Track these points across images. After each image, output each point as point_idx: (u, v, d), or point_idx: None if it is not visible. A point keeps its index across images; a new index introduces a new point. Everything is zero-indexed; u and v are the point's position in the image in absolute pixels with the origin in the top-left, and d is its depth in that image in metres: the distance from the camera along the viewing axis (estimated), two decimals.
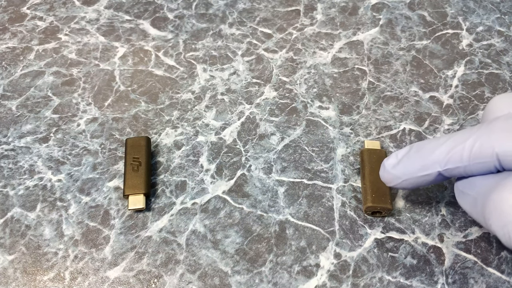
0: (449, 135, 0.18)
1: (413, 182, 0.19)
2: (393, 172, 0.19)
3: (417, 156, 0.19)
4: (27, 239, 0.22)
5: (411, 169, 0.19)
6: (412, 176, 0.19)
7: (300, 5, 0.32)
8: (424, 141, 0.19)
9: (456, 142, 0.18)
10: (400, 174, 0.19)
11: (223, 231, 0.22)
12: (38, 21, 0.31)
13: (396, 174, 0.19)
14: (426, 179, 0.19)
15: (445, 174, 0.18)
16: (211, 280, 0.21)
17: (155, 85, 0.28)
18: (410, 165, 0.19)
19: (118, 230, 0.22)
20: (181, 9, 0.32)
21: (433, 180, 0.19)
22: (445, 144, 0.18)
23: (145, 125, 0.26)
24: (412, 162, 0.19)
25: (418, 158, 0.19)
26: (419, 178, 0.19)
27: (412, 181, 0.19)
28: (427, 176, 0.19)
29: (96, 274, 0.21)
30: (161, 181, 0.24)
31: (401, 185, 0.20)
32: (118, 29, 0.31)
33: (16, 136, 0.26)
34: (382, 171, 0.20)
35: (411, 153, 0.19)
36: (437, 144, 0.18)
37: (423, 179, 0.19)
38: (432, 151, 0.18)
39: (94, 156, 0.25)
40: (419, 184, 0.19)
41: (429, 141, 0.19)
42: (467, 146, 0.17)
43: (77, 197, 0.23)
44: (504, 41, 0.30)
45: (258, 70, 0.29)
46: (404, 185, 0.19)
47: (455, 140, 0.18)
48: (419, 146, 0.19)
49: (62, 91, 0.28)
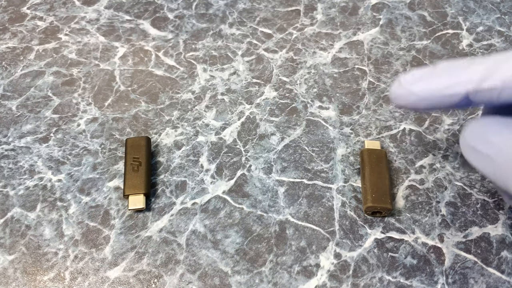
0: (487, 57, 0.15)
1: (432, 102, 0.16)
2: (411, 88, 0.16)
3: (444, 73, 0.16)
4: (27, 239, 0.22)
5: (435, 86, 0.16)
6: (433, 94, 0.16)
7: (300, 5, 0.32)
8: (452, 61, 0.16)
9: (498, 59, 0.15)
10: (419, 90, 0.16)
11: (223, 231, 0.22)
12: (38, 21, 0.31)
13: (414, 90, 0.16)
14: (449, 101, 0.16)
15: (473, 98, 0.15)
16: (211, 280, 0.21)
17: (155, 85, 0.28)
18: (435, 81, 0.16)
19: (118, 230, 0.22)
20: (181, 9, 0.32)
21: (456, 103, 0.16)
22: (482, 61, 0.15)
23: (145, 125, 0.26)
24: (437, 79, 0.16)
25: (445, 75, 0.16)
26: (441, 98, 0.16)
27: (430, 100, 0.16)
28: (452, 97, 0.16)
29: (96, 274, 0.21)
30: (161, 181, 0.24)
31: (415, 105, 0.16)
32: (118, 29, 0.31)
33: (16, 136, 0.26)
34: (396, 86, 0.17)
35: (437, 71, 0.16)
36: (471, 62, 0.15)
37: (445, 100, 0.16)
38: (464, 68, 0.15)
39: (94, 156, 0.25)
40: (438, 105, 0.16)
41: (459, 60, 0.16)
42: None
43: (77, 197, 0.23)
44: (504, 41, 0.30)
45: (258, 70, 0.29)
46: (419, 105, 0.16)
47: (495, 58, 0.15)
48: (447, 64, 0.16)
49: (62, 91, 0.28)
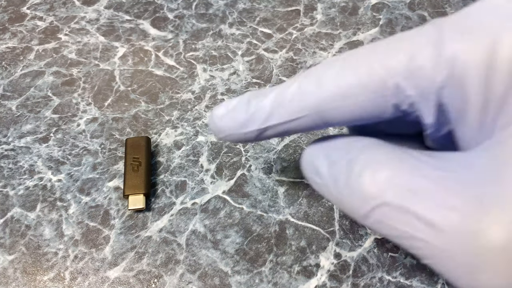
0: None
1: (239, 139, 0.15)
2: (218, 124, 0.15)
3: (244, 107, 0.15)
4: (27, 239, 0.22)
5: (234, 124, 0.15)
6: (235, 132, 0.15)
7: (300, 5, 0.32)
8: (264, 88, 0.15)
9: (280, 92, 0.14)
10: (224, 127, 0.15)
11: (223, 231, 0.22)
12: (38, 21, 0.31)
13: (220, 127, 0.15)
14: (250, 137, 0.15)
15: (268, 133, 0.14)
16: (211, 280, 0.21)
17: (155, 85, 0.28)
18: (235, 118, 0.15)
19: (118, 230, 0.22)
20: (181, 9, 0.32)
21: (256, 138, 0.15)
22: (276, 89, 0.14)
23: (145, 125, 0.26)
24: (237, 115, 0.15)
25: (243, 110, 0.14)
26: (242, 135, 0.15)
27: (236, 137, 0.15)
28: (250, 134, 0.15)
29: (96, 274, 0.21)
30: (161, 181, 0.24)
31: (229, 140, 0.16)
32: (118, 29, 0.31)
33: (16, 136, 0.26)
34: (209, 119, 0.16)
35: (241, 103, 0.15)
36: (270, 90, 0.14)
37: (248, 137, 0.15)
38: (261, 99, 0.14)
39: (94, 156, 0.25)
40: (247, 141, 0.15)
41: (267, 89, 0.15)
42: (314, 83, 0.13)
43: (77, 197, 0.23)
44: None
45: (258, 70, 0.29)
46: (231, 140, 0.15)
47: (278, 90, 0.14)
48: (252, 94, 0.15)
49: (62, 91, 0.27)
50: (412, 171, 0.11)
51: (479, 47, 0.11)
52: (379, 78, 0.12)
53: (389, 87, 0.12)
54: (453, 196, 0.11)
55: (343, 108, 0.13)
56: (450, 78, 0.11)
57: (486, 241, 0.10)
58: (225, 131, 0.15)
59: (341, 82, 0.12)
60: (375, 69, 0.12)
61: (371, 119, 0.13)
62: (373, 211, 0.12)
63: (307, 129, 0.14)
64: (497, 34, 0.10)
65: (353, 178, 0.12)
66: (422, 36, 0.12)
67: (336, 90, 0.12)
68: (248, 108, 0.14)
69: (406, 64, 0.11)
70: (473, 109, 0.11)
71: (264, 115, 0.14)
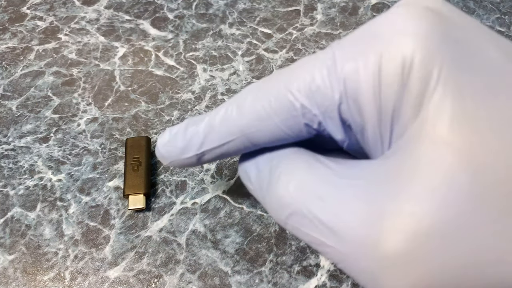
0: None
1: (182, 164, 0.16)
2: (161, 151, 0.16)
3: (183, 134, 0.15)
4: (27, 239, 0.22)
5: (175, 151, 0.16)
6: (176, 158, 0.16)
7: (300, 5, 0.32)
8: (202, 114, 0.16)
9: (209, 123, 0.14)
10: (166, 154, 0.16)
11: (223, 231, 0.22)
12: (38, 21, 0.31)
13: (163, 154, 0.16)
14: (191, 162, 0.16)
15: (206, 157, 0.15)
16: (211, 280, 0.21)
17: (155, 85, 0.28)
18: (175, 145, 0.16)
19: (118, 230, 0.22)
20: (181, 9, 0.32)
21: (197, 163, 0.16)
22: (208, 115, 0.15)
23: (145, 125, 0.26)
24: (177, 142, 0.15)
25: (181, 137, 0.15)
26: (184, 160, 0.16)
27: (179, 163, 0.16)
28: (189, 159, 0.15)
29: (96, 274, 0.21)
30: (161, 181, 0.24)
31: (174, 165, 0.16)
32: (118, 29, 0.31)
33: (16, 136, 0.26)
34: (155, 148, 0.17)
35: (180, 130, 0.16)
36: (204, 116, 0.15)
37: (189, 162, 0.16)
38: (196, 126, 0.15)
39: (94, 156, 0.25)
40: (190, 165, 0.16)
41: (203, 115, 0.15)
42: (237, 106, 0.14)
43: (77, 197, 0.23)
44: None
45: (258, 70, 0.29)
46: (176, 165, 0.16)
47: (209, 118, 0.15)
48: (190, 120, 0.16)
49: (62, 91, 0.28)
50: (321, 179, 0.12)
51: (367, 64, 0.11)
52: (287, 101, 0.13)
53: (297, 108, 0.13)
54: (354, 204, 0.11)
55: (263, 131, 0.14)
56: (345, 95, 0.12)
57: (384, 249, 0.10)
58: (168, 158, 0.16)
59: (257, 107, 0.13)
60: (282, 93, 0.13)
61: (293, 138, 0.14)
62: (289, 218, 0.13)
63: (240, 151, 0.15)
64: (381, 52, 0.11)
65: (271, 186, 0.13)
66: (319, 58, 0.13)
67: (254, 115, 0.14)
68: (185, 135, 0.15)
69: (308, 85, 0.12)
70: (370, 122, 0.12)
71: (199, 141, 0.15)
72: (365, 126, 0.12)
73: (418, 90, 0.11)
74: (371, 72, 0.11)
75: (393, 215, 0.10)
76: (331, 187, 0.12)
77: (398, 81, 0.11)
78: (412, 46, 0.11)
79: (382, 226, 0.10)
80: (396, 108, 0.11)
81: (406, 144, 0.11)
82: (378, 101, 0.12)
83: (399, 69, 0.11)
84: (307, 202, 0.12)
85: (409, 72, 0.11)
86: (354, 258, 0.11)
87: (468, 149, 0.10)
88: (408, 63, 0.11)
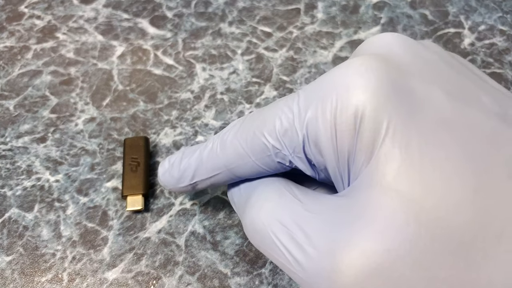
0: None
1: (180, 191, 0.18)
2: (161, 179, 0.18)
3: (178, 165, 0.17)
4: (24, 240, 0.22)
5: (172, 180, 0.18)
6: (174, 186, 0.18)
7: (300, 3, 0.32)
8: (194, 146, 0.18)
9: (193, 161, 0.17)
10: (165, 182, 0.18)
11: (223, 232, 0.22)
12: (36, 20, 0.31)
13: (163, 182, 0.18)
14: (187, 189, 0.18)
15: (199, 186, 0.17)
16: (210, 281, 0.21)
17: (153, 85, 0.28)
18: (172, 175, 0.17)
19: (116, 231, 0.22)
20: (180, 8, 0.32)
21: (192, 190, 0.18)
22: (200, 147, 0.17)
23: (143, 125, 0.26)
24: (173, 173, 0.17)
25: (177, 168, 0.17)
26: (180, 189, 0.18)
27: (177, 190, 0.18)
28: (185, 188, 0.17)
29: (94, 276, 0.21)
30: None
31: (174, 191, 0.19)
32: (117, 28, 0.30)
33: (13, 136, 0.25)
34: (158, 176, 0.19)
35: (177, 160, 0.17)
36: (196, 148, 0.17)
37: (185, 190, 0.18)
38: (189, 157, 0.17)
39: (92, 156, 0.24)
40: (187, 192, 0.18)
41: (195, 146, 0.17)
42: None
43: (75, 197, 0.23)
44: (506, 40, 0.30)
45: (258, 69, 0.28)
46: (176, 191, 0.19)
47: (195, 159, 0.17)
48: (186, 151, 0.17)
49: (60, 91, 0.27)
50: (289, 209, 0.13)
51: (325, 113, 0.13)
52: (261, 143, 0.14)
53: (269, 149, 0.14)
54: (315, 236, 0.12)
55: (243, 167, 0.15)
56: (307, 138, 0.13)
57: (338, 279, 0.11)
58: (167, 185, 0.18)
59: (236, 146, 0.15)
60: (257, 135, 0.14)
61: (272, 172, 0.15)
62: (261, 242, 0.14)
63: (227, 182, 0.17)
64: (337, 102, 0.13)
65: (247, 210, 0.14)
66: (288, 103, 0.14)
67: (234, 153, 0.15)
68: (180, 167, 0.17)
69: (277, 129, 0.14)
70: (329, 163, 0.13)
71: (191, 173, 0.17)
72: (326, 166, 0.14)
73: (369, 139, 0.12)
74: (329, 119, 0.13)
75: (347, 248, 0.11)
76: (296, 216, 0.13)
77: (351, 130, 0.12)
78: (363, 99, 0.12)
79: (337, 257, 0.11)
80: (351, 153, 0.13)
81: (360, 186, 0.12)
82: (335, 145, 0.13)
83: (352, 119, 0.12)
84: (274, 230, 0.13)
85: (361, 122, 0.12)
86: (314, 285, 0.12)
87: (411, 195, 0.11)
88: (360, 114, 0.12)
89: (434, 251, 0.11)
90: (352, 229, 0.11)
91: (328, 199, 0.13)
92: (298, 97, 0.14)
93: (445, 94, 0.12)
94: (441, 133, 0.12)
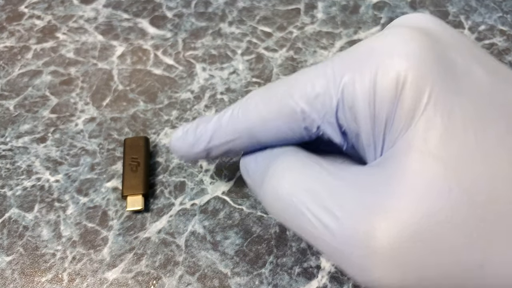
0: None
1: (192, 158, 0.18)
2: (174, 144, 0.18)
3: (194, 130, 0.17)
4: (24, 240, 0.22)
5: (186, 145, 0.17)
6: (187, 151, 0.17)
7: (300, 3, 0.32)
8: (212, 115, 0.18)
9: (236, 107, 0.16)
10: (179, 147, 0.18)
11: (223, 232, 0.22)
12: (36, 20, 0.31)
13: (176, 147, 0.18)
14: (201, 156, 0.17)
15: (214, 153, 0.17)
16: (210, 281, 0.21)
17: (153, 85, 0.28)
18: (186, 140, 0.17)
19: (116, 231, 0.22)
20: (180, 8, 0.32)
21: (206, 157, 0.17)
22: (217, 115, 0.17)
23: (143, 125, 0.26)
24: (188, 137, 0.17)
25: (192, 133, 0.17)
26: (194, 154, 0.17)
27: (190, 156, 0.18)
28: (199, 153, 0.17)
29: (95, 276, 0.21)
30: (160, 182, 0.24)
31: (185, 159, 0.18)
32: (117, 28, 0.30)
33: (13, 136, 0.25)
34: (169, 142, 0.18)
35: (192, 127, 0.17)
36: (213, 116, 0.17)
37: (199, 156, 0.17)
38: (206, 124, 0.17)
39: (92, 156, 0.24)
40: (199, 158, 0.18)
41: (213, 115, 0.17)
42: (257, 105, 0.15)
43: (75, 197, 0.23)
44: (506, 40, 0.30)
45: (258, 69, 0.28)
46: (187, 159, 0.18)
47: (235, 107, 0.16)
48: (201, 119, 0.17)
49: (60, 91, 0.27)
50: (315, 176, 0.13)
51: (364, 77, 0.12)
52: (289, 106, 0.14)
53: (298, 112, 0.14)
54: (346, 200, 0.12)
55: (267, 131, 0.15)
56: (342, 103, 0.13)
57: (374, 244, 0.11)
58: (179, 151, 0.18)
59: (261, 110, 0.15)
60: (285, 98, 0.14)
61: (295, 140, 0.15)
62: (282, 211, 0.13)
63: (246, 148, 0.16)
64: (377, 68, 0.12)
65: (267, 180, 0.14)
66: (320, 69, 0.14)
67: (259, 117, 0.15)
68: (196, 131, 0.17)
69: (308, 92, 0.14)
70: (364, 130, 0.13)
71: (207, 137, 0.16)
72: (360, 133, 0.13)
73: (410, 106, 0.12)
74: (367, 84, 0.12)
75: (383, 213, 0.11)
76: (324, 184, 0.13)
77: (391, 96, 0.12)
78: (406, 66, 0.12)
79: (372, 222, 0.11)
80: (389, 120, 0.12)
81: (397, 153, 0.12)
82: (373, 111, 0.13)
83: (393, 85, 0.12)
84: (300, 196, 0.13)
85: (402, 88, 0.12)
86: (345, 252, 0.12)
87: (453, 163, 0.11)
88: (402, 81, 0.12)
89: (476, 218, 0.10)
90: (389, 194, 0.11)
91: (359, 169, 0.13)
92: (332, 63, 0.14)
93: (483, 70, 0.12)
94: (483, 106, 0.12)
